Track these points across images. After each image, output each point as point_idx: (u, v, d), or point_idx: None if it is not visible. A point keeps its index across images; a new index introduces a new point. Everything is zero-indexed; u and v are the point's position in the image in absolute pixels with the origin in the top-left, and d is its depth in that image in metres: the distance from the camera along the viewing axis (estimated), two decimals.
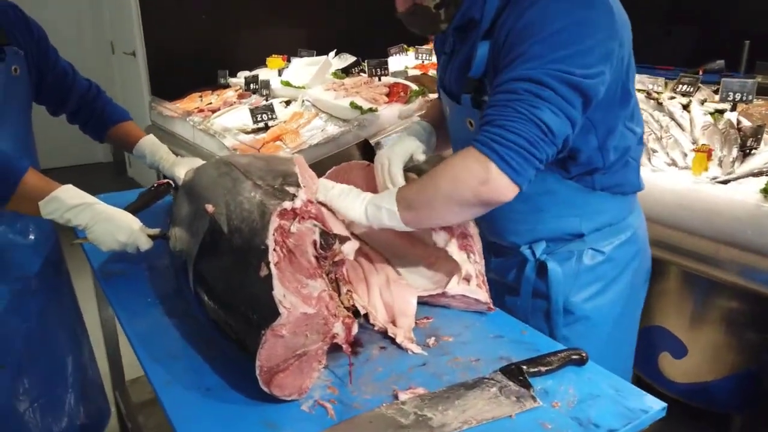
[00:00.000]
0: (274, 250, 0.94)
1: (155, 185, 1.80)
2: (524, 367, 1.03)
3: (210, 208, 1.08)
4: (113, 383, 2.12)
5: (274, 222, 0.97)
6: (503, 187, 1.02)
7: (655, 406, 0.97)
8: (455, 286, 1.23)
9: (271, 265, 0.91)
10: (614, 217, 1.30)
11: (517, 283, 1.36)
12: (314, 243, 0.99)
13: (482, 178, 1.02)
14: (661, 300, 2.18)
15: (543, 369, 1.04)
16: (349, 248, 1.04)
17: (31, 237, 1.59)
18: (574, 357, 1.06)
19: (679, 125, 2.41)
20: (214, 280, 1.00)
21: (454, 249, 1.23)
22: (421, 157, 1.37)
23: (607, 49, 1.05)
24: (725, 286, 1.91)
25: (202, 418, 0.93)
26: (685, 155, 2.20)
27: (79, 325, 1.78)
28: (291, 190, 1.06)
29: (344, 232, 1.08)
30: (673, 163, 2.20)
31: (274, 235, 0.96)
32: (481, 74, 1.16)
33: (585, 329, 1.31)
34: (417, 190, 1.12)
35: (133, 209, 1.71)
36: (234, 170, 1.20)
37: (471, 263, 1.24)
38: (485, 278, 1.26)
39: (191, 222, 1.13)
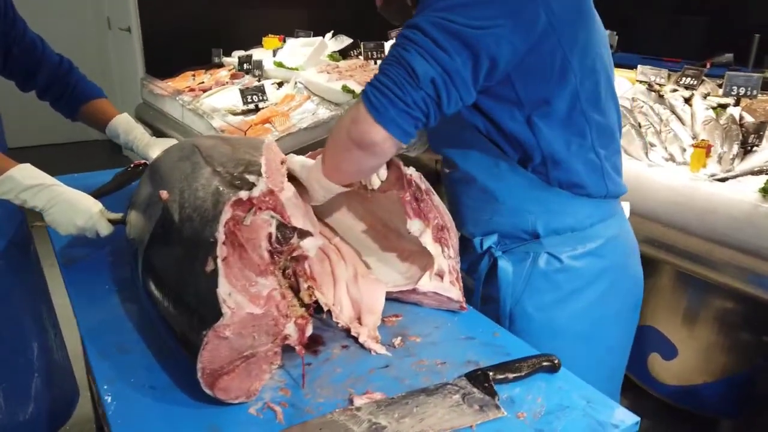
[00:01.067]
0: (224, 243, 0.87)
1: (131, 166, 1.74)
2: (491, 373, 0.97)
3: (164, 194, 1.02)
4: (86, 367, 2.07)
5: (227, 213, 0.90)
6: (368, 126, 1.00)
7: (628, 420, 0.91)
8: (427, 282, 1.17)
9: (219, 260, 0.85)
10: (577, 222, 1.20)
11: (470, 278, 1.30)
12: (269, 236, 0.92)
13: (353, 117, 1.02)
14: (652, 299, 2.11)
15: (511, 376, 0.97)
16: (310, 244, 0.97)
17: None
18: (546, 363, 1.00)
19: (680, 119, 2.33)
20: (161, 273, 0.94)
21: (428, 240, 1.16)
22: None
23: (515, 7, 1.00)
24: (719, 287, 1.84)
25: (142, 418, 0.87)
26: (684, 150, 2.12)
27: (46, 307, 1.72)
28: (251, 178, 0.99)
29: (307, 227, 1.01)
30: (671, 158, 2.12)
31: (225, 226, 0.89)
32: None
33: (533, 341, 1.14)
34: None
35: (106, 191, 1.67)
36: (196, 154, 1.13)
37: (445, 258, 1.18)
38: (459, 275, 1.19)
39: (146, 209, 1.07)
